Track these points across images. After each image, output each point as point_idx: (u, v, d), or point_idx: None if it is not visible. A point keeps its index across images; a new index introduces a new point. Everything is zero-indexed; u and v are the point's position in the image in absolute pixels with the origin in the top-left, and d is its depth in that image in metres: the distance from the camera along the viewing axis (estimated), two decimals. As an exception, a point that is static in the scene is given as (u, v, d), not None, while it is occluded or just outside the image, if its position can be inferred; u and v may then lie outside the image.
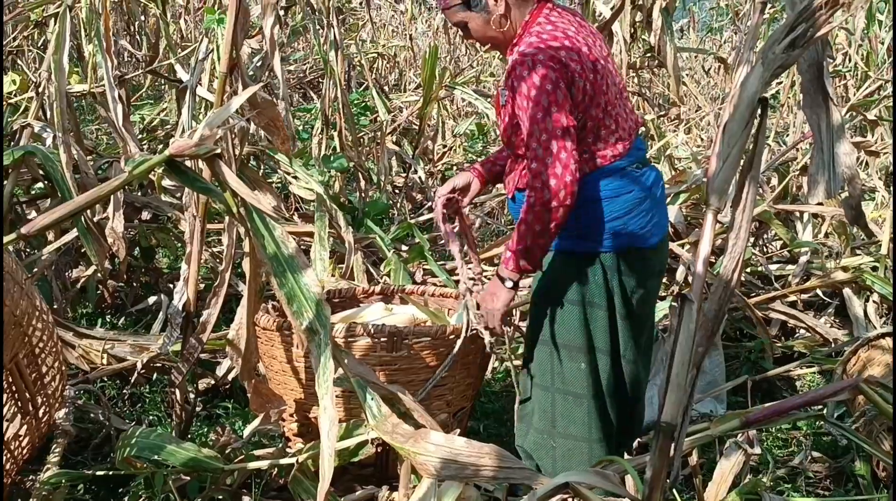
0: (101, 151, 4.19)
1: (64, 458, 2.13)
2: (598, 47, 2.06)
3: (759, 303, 3.54)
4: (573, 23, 2.04)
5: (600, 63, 2.00)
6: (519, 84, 1.92)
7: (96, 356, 2.62)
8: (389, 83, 8.68)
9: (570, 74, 1.91)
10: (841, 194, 1.24)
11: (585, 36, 2.03)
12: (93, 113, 6.21)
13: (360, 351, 2.10)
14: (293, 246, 1.65)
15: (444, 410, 2.21)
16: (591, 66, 1.96)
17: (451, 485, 1.47)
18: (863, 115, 4.19)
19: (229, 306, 3.25)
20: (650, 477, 1.19)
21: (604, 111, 2.00)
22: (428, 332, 2.16)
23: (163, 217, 3.73)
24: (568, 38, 1.97)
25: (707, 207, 1.19)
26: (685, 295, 1.18)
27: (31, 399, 1.98)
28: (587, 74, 1.94)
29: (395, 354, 2.11)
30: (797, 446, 2.89)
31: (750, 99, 1.18)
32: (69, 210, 1.50)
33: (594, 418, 2.09)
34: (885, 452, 1.63)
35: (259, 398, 2.17)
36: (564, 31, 1.99)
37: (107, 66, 2.83)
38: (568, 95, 1.91)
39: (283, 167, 3.49)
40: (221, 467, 2.03)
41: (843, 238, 3.85)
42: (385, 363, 2.10)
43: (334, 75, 4.19)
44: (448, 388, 2.23)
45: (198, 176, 1.69)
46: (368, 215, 4.17)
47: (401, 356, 2.12)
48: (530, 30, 2.01)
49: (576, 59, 1.93)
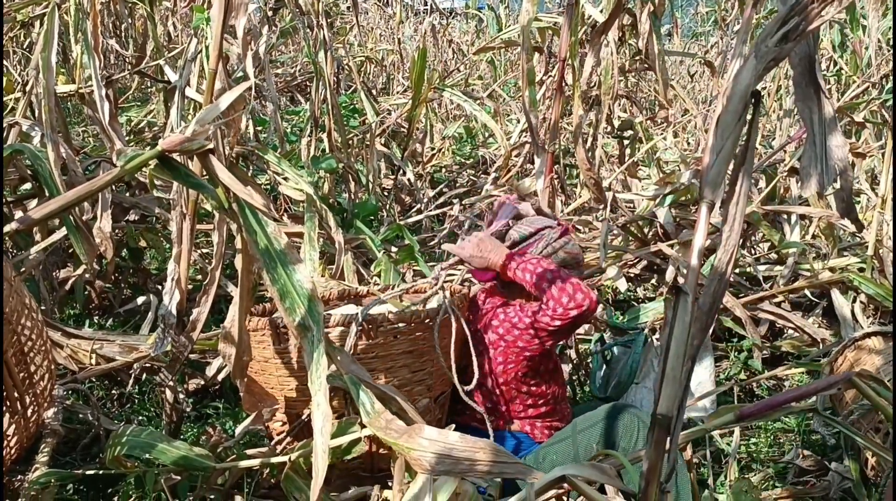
0: (89, 152, 4.17)
1: (52, 458, 2.10)
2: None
3: (747, 303, 3.56)
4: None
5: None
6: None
7: (84, 356, 2.60)
8: (377, 87, 8.68)
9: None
10: (833, 186, 1.25)
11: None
12: (79, 115, 6.17)
13: (335, 341, 2.07)
14: (285, 242, 1.65)
15: (424, 395, 2.21)
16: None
17: (445, 481, 1.47)
18: (850, 117, 4.23)
19: (218, 306, 3.24)
20: (646, 470, 1.19)
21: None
22: (403, 318, 2.14)
23: (151, 218, 3.71)
24: None
25: (701, 200, 1.20)
26: (680, 287, 1.18)
27: (20, 398, 1.96)
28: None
29: (370, 341, 2.10)
30: (788, 445, 2.90)
31: (743, 92, 1.18)
32: (61, 205, 1.49)
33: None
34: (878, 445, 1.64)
35: (251, 397, 2.16)
36: None
37: (94, 64, 2.81)
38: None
39: (272, 168, 3.48)
40: (213, 466, 2.01)
41: (831, 239, 3.88)
42: (361, 352, 2.09)
43: (323, 76, 4.18)
44: (428, 372, 2.22)
45: (190, 171, 1.67)
46: (358, 217, 4.16)
47: (377, 343, 2.10)
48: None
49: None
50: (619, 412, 2.19)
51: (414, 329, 2.15)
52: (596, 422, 2.19)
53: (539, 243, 2.36)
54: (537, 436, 2.34)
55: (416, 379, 2.20)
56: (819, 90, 1.23)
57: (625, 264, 4.07)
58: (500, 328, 2.27)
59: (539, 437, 2.34)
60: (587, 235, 4.37)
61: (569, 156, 5.72)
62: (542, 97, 4.77)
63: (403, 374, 2.16)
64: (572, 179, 5.96)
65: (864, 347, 2.78)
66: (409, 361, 2.17)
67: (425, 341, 2.18)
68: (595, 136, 4.59)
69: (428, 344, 2.18)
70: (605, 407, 2.23)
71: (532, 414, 2.34)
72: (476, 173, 6.34)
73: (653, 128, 6.44)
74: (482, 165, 6.46)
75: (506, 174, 5.11)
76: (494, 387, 2.32)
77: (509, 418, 2.34)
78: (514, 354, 2.26)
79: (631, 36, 4.67)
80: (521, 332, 2.23)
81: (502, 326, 2.28)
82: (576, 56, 3.46)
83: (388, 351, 2.13)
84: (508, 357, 2.27)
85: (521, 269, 2.21)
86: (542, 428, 2.35)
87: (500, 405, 2.33)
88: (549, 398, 2.35)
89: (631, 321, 3.42)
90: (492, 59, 8.29)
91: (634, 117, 5.28)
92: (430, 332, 2.17)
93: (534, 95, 3.12)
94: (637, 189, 4.78)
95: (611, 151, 6.26)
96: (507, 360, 2.28)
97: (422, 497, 1.45)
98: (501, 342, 2.27)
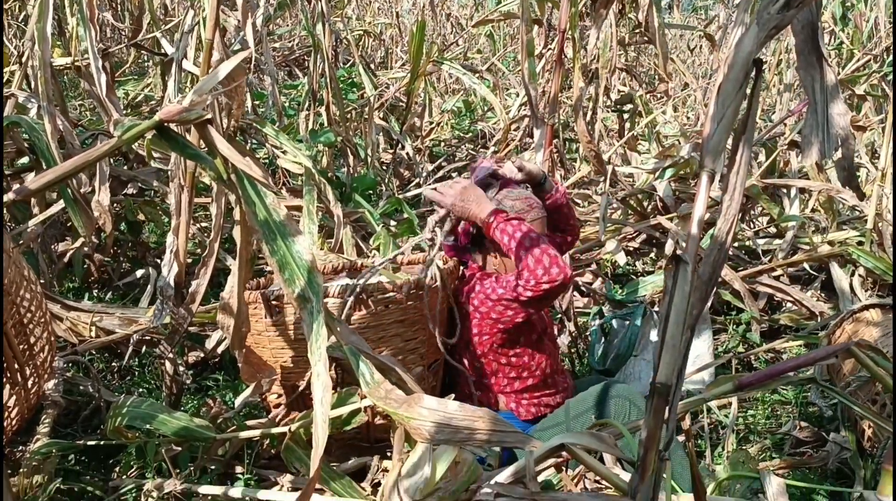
0: (86, 126, 4.15)
1: (54, 430, 2.12)
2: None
3: (746, 277, 3.56)
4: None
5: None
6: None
7: (84, 329, 2.60)
8: (376, 61, 8.62)
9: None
10: (834, 155, 1.24)
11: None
12: (76, 89, 6.14)
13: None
14: (284, 213, 1.64)
15: (418, 363, 2.22)
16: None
17: (445, 450, 1.47)
18: (851, 90, 4.21)
19: (217, 280, 3.24)
20: (644, 438, 1.19)
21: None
22: (394, 287, 2.15)
23: (149, 191, 3.70)
24: None
25: (701, 169, 1.19)
26: (680, 257, 1.18)
27: (20, 370, 1.96)
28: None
29: (361, 312, 2.10)
30: (785, 417, 2.92)
31: (745, 60, 1.17)
32: (58, 175, 1.48)
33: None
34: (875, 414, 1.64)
35: (249, 368, 2.16)
36: None
37: (90, 35, 2.79)
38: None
39: (270, 141, 3.46)
40: (213, 436, 2.02)
41: (830, 213, 3.88)
42: (354, 322, 2.09)
43: (322, 50, 4.15)
44: (420, 341, 2.23)
45: (188, 142, 1.67)
46: (357, 191, 4.15)
47: (368, 313, 2.11)
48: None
49: None
50: (610, 393, 2.19)
51: (405, 299, 2.16)
52: (588, 407, 2.20)
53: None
54: (522, 414, 2.33)
55: (408, 348, 2.21)
56: (821, 58, 1.22)
57: (624, 237, 4.07)
58: (476, 299, 2.26)
59: (524, 415, 2.33)
60: (587, 208, 4.37)
61: (568, 130, 5.70)
62: (541, 70, 4.74)
63: (396, 343, 2.17)
64: (572, 153, 5.94)
65: (862, 319, 2.79)
66: (400, 330, 2.18)
67: (416, 310, 2.18)
68: (595, 109, 4.57)
69: (419, 313, 2.19)
70: (597, 388, 2.23)
71: (518, 388, 2.33)
72: (475, 147, 6.32)
73: (652, 102, 6.41)
74: (481, 139, 6.44)
75: (505, 148, 5.09)
76: (475, 359, 2.32)
77: (495, 393, 2.34)
78: (489, 325, 2.25)
79: (631, 9, 4.63)
80: (493, 303, 2.20)
81: (478, 297, 2.26)
82: (576, 28, 3.43)
83: (379, 321, 2.14)
84: (483, 328, 2.27)
85: (501, 230, 2.13)
86: (529, 406, 2.34)
87: (484, 378, 2.33)
88: (534, 370, 2.32)
89: (630, 294, 3.43)
90: (491, 33, 8.24)
91: (634, 91, 5.25)
92: (421, 301, 2.18)
93: (533, 68, 3.09)
94: (636, 163, 4.77)
95: (610, 125, 6.23)
96: (482, 331, 2.27)
97: (421, 465, 1.46)
98: (477, 313, 2.26)
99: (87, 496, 2.04)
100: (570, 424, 2.21)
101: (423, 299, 2.17)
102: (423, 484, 1.43)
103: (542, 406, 2.35)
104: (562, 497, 1.20)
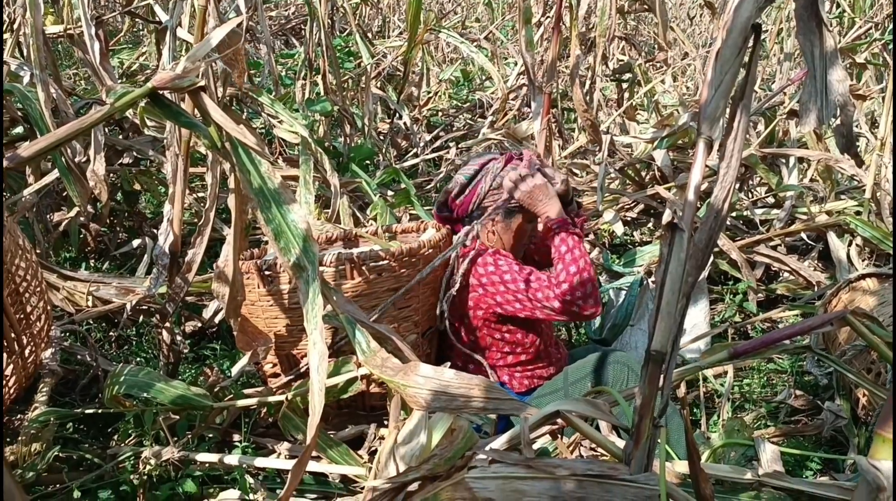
0: (80, 95, 4.11)
1: (51, 398, 2.12)
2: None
3: (743, 246, 3.56)
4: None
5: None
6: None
7: (81, 298, 2.60)
8: (373, 30, 8.54)
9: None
10: (833, 121, 1.23)
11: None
12: (69, 58, 6.08)
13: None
14: (279, 181, 1.63)
15: (412, 331, 2.22)
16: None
17: (441, 417, 1.48)
18: (851, 58, 4.18)
19: (214, 250, 3.24)
20: (639, 406, 1.19)
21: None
22: (386, 255, 2.14)
23: (145, 161, 3.69)
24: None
25: (699, 135, 1.18)
26: (675, 224, 1.17)
27: (17, 339, 1.96)
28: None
29: (355, 280, 2.10)
30: (781, 386, 2.94)
31: (743, 25, 1.16)
32: (51, 142, 1.46)
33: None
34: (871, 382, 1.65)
35: (245, 336, 2.17)
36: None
37: (83, 2, 2.75)
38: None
39: (266, 111, 3.44)
40: (211, 405, 2.03)
41: (828, 183, 3.87)
42: (346, 290, 2.09)
43: (318, 18, 4.11)
44: (414, 309, 2.23)
45: (181, 110, 1.65)
46: (354, 160, 4.13)
47: (362, 281, 2.11)
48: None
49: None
50: (608, 361, 2.20)
51: (398, 267, 2.15)
52: (585, 374, 2.21)
53: (485, 177, 2.30)
54: (515, 386, 2.34)
55: (402, 316, 2.21)
56: (821, 23, 1.20)
57: (622, 207, 4.06)
58: (485, 277, 2.23)
59: (517, 387, 2.34)
60: (584, 178, 4.35)
61: (567, 99, 5.66)
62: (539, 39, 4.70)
63: (390, 311, 2.17)
64: (570, 122, 5.91)
65: (858, 288, 2.79)
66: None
67: (410, 278, 2.18)
68: (593, 79, 4.54)
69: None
70: (595, 356, 2.23)
71: (511, 362, 2.33)
72: (473, 117, 6.29)
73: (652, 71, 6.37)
74: (479, 109, 6.40)
75: (502, 118, 5.06)
76: (469, 333, 2.32)
77: (488, 365, 2.34)
78: (487, 304, 2.24)
79: (631, -24, 4.59)
80: (505, 290, 2.20)
81: (487, 275, 2.23)
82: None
83: (373, 289, 2.14)
84: (479, 303, 2.26)
85: (562, 239, 2.18)
86: (522, 379, 2.35)
87: (477, 351, 2.33)
88: (527, 346, 2.32)
89: (627, 264, 3.43)
90: (489, 1, 8.15)
91: (634, 60, 5.20)
92: (414, 269, 2.18)
93: (530, 35, 3.06)
94: (635, 133, 4.75)
95: (609, 94, 6.19)
96: (478, 305, 2.26)
97: (417, 433, 1.46)
98: (480, 289, 2.24)
99: (86, 463, 2.06)
100: (568, 390, 2.21)
101: (417, 267, 2.17)
102: (419, 451, 1.44)
103: (536, 379, 2.36)
104: (556, 462, 1.20)
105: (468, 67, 6.97)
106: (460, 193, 2.32)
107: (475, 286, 2.25)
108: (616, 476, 1.19)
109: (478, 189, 2.29)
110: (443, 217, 2.40)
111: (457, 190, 2.33)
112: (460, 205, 2.34)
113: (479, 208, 2.30)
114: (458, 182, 2.33)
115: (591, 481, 1.18)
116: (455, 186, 2.33)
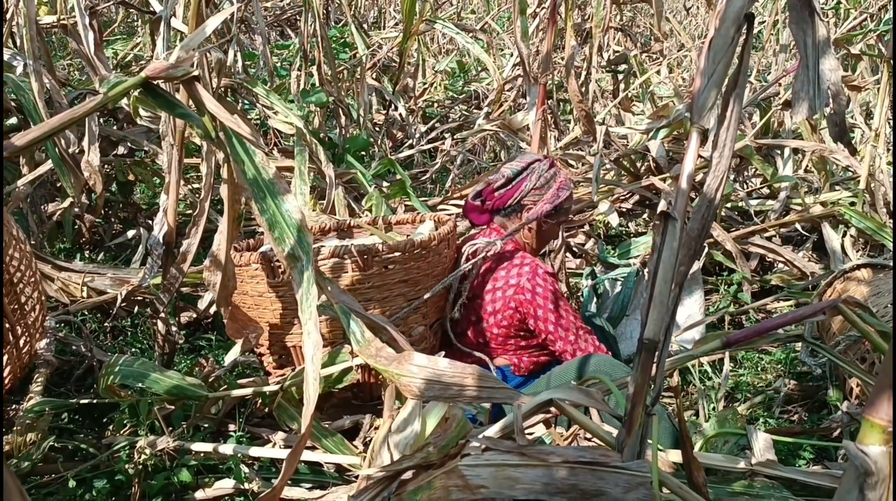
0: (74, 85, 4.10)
1: (46, 388, 2.12)
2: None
3: (738, 237, 3.57)
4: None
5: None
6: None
7: (76, 289, 2.60)
8: (368, 21, 8.51)
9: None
10: (825, 110, 1.23)
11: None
12: (63, 48, 6.06)
13: (329, 273, 2.07)
14: (273, 171, 1.63)
15: (420, 323, 2.23)
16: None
17: (434, 406, 1.49)
18: (846, 49, 4.18)
19: (208, 241, 3.23)
20: (632, 394, 1.20)
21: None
22: (398, 247, 2.14)
23: (140, 152, 3.68)
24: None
25: (691, 124, 1.18)
26: (668, 213, 1.18)
27: (11, 329, 1.96)
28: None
29: (366, 272, 2.10)
30: (773, 375, 2.95)
31: (736, 14, 1.16)
32: (44, 132, 1.46)
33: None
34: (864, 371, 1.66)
35: (235, 324, 2.17)
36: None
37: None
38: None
39: (261, 101, 3.43)
40: (206, 395, 2.03)
41: (823, 174, 3.87)
42: (357, 282, 2.09)
43: (313, 8, 4.10)
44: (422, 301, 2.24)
45: (175, 100, 1.65)
46: (349, 151, 4.13)
47: (373, 273, 2.11)
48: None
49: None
50: (590, 364, 2.19)
51: (408, 259, 2.16)
52: (570, 379, 2.22)
53: (531, 176, 2.37)
54: (521, 367, 2.36)
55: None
56: (814, 13, 1.20)
57: (617, 198, 4.06)
58: (512, 279, 2.27)
59: (522, 370, 2.36)
60: (580, 169, 4.35)
61: (562, 90, 5.65)
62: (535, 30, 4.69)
63: (399, 303, 2.17)
64: (566, 114, 5.90)
65: (853, 278, 2.79)
66: (404, 290, 2.18)
67: (419, 270, 2.18)
68: (588, 70, 4.53)
69: (422, 273, 2.20)
70: (578, 360, 2.22)
71: (522, 345, 2.36)
72: (468, 108, 6.28)
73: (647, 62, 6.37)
74: (474, 100, 6.40)
75: (498, 109, 5.06)
76: (480, 334, 2.34)
77: (496, 355, 2.36)
78: (511, 311, 2.27)
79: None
80: (544, 317, 2.25)
81: (512, 279, 2.27)
82: (570, -14, 3.38)
83: (383, 281, 2.14)
84: (496, 306, 2.28)
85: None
86: (528, 364, 2.37)
87: (487, 346, 2.34)
88: (538, 345, 2.36)
89: (622, 255, 3.43)
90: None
91: (629, 51, 5.20)
92: (423, 262, 2.18)
93: (525, 26, 3.06)
94: (630, 124, 4.75)
95: (605, 85, 6.19)
96: (497, 310, 2.29)
97: (411, 421, 1.47)
98: (500, 295, 2.28)
99: (81, 453, 2.06)
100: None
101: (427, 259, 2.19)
102: (412, 440, 1.45)
103: (540, 365, 2.37)
104: (548, 449, 1.21)
105: (464, 58, 6.96)
106: (503, 185, 2.39)
107: (501, 288, 2.28)
108: (608, 463, 1.19)
109: (521, 186, 2.37)
110: (473, 205, 2.44)
111: (501, 182, 2.39)
112: (499, 197, 2.40)
113: (519, 204, 2.38)
114: (504, 175, 2.40)
115: (584, 468, 1.19)
116: (499, 178, 2.40)
